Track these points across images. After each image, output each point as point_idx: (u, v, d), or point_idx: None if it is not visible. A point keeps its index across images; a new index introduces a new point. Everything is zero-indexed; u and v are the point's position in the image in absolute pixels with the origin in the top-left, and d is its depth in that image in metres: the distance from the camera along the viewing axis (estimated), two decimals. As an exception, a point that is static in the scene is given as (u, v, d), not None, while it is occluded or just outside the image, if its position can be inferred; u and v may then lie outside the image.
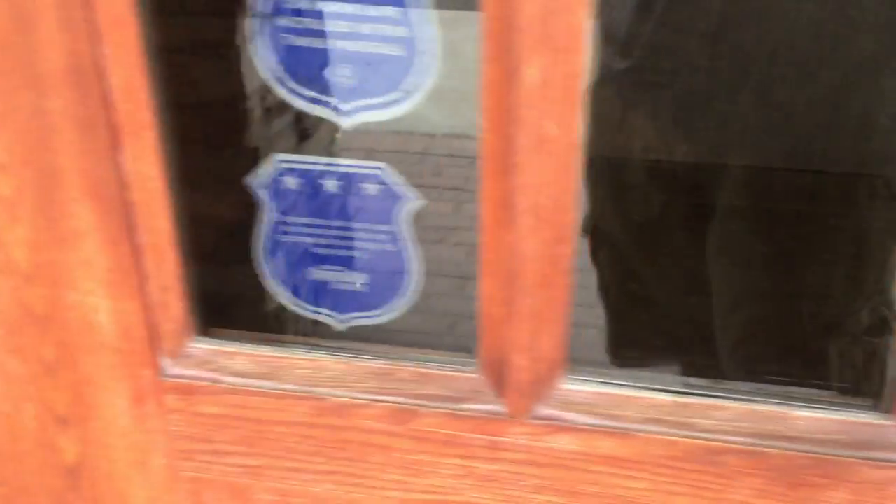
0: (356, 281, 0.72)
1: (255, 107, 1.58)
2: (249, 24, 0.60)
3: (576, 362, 0.71)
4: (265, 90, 1.68)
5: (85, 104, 0.63)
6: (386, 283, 0.72)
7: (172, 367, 0.76)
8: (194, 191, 0.70)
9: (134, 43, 0.60)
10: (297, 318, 0.76)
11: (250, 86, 1.49)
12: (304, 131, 1.86)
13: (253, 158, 1.41)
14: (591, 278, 1.45)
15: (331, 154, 2.00)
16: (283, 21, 0.61)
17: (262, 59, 0.62)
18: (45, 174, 0.67)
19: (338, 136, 2.04)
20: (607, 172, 1.47)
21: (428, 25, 0.59)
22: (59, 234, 0.69)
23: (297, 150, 1.78)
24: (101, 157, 0.65)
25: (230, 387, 0.75)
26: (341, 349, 0.75)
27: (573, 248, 0.64)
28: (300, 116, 1.89)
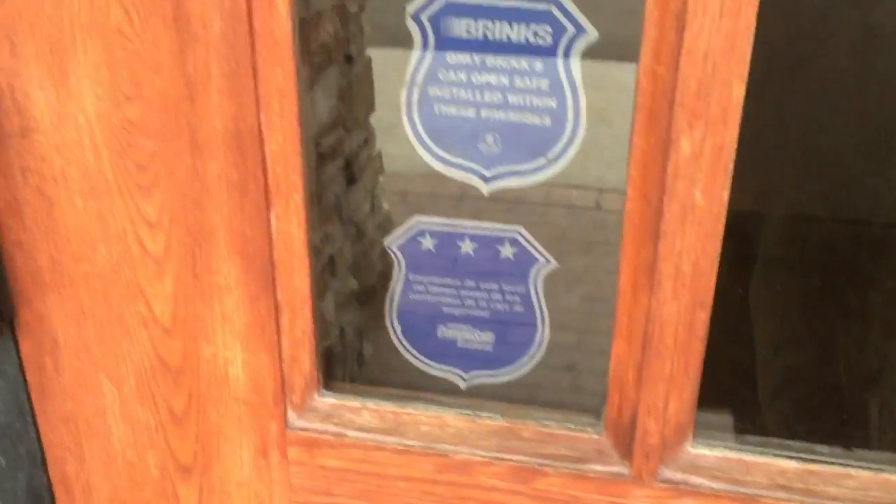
0: (484, 340, 0.73)
1: (310, 152, 1.62)
2: (403, 94, 0.63)
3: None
4: (319, 135, 1.71)
5: (240, 167, 0.66)
6: (513, 342, 0.73)
7: (298, 420, 0.77)
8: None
9: (293, 111, 0.63)
10: (420, 373, 0.77)
11: (307, 132, 1.52)
12: (352, 176, 1.89)
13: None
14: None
15: (375, 196, 2.02)
16: (434, 90, 0.63)
17: (410, 125, 0.64)
18: (194, 232, 0.69)
19: (381, 179, 2.06)
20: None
21: (577, 97, 0.61)
22: (202, 289, 0.72)
23: (345, 192, 1.81)
24: (251, 218, 0.67)
25: (353, 441, 0.77)
26: (463, 405, 0.76)
27: (709, 314, 0.65)
28: (349, 161, 1.92)
